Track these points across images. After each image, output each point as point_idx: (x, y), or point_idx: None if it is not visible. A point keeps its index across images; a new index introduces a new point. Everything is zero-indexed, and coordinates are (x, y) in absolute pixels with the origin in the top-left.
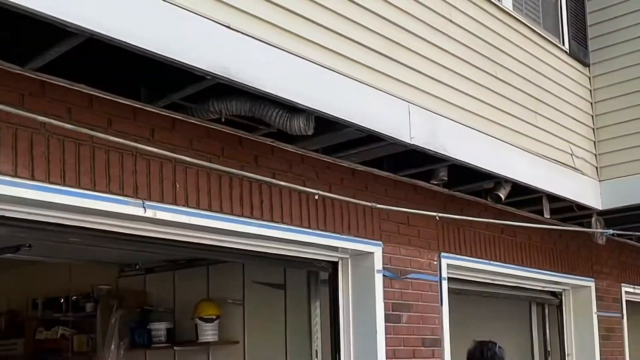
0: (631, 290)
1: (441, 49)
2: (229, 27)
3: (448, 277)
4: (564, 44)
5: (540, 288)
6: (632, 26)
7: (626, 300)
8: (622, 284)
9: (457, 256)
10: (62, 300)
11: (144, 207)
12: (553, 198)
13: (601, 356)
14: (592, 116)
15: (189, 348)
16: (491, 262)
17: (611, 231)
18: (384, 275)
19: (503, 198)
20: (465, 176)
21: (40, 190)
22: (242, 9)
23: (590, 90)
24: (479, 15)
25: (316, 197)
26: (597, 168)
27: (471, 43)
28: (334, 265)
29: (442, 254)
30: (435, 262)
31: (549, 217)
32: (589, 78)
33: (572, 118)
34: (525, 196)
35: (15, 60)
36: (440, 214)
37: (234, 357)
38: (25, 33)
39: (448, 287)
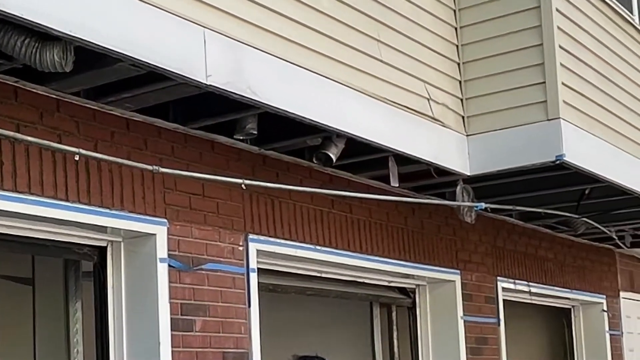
0: (511, 286)
1: None
2: None
3: (258, 269)
4: None
5: (386, 283)
6: None
7: (504, 300)
8: (499, 278)
9: (271, 239)
10: None
11: None
12: (403, 159)
13: None
14: (457, 46)
15: None
16: (318, 247)
17: (483, 205)
18: (169, 266)
19: (334, 159)
20: (282, 129)
21: None
22: None
23: (455, 11)
24: None
25: (76, 158)
26: (463, 118)
27: None
28: (102, 251)
29: (250, 236)
30: (240, 248)
31: (397, 185)
32: None
33: (429, 49)
34: (365, 157)
35: None
36: (248, 181)
37: None
38: None
39: (259, 282)
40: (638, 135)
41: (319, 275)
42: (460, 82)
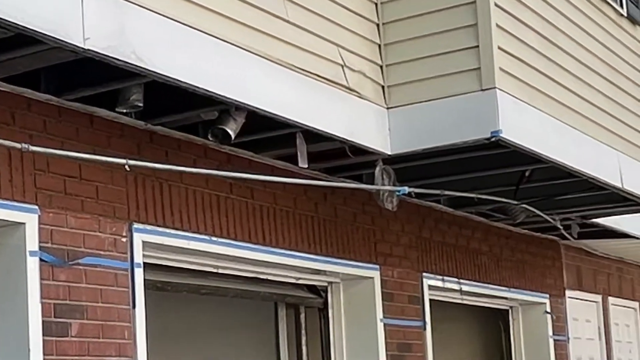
0: (438, 284)
1: None
2: None
3: (145, 263)
4: None
5: (293, 280)
6: None
7: (430, 300)
8: (424, 274)
9: (160, 229)
10: None
11: None
12: (313, 136)
13: None
14: (376, 4)
15: None
16: (213, 238)
17: (407, 189)
18: (41, 260)
19: (233, 136)
20: (172, 101)
21: None
22: None
23: None
24: None
25: None
26: (383, 88)
27: None
28: None
29: (135, 225)
30: (123, 239)
31: (306, 166)
32: None
33: (343, 7)
34: (268, 133)
35: None
36: (132, 162)
37: None
38: None
39: (145, 279)
40: (586, 107)
41: (215, 271)
42: (379, 46)
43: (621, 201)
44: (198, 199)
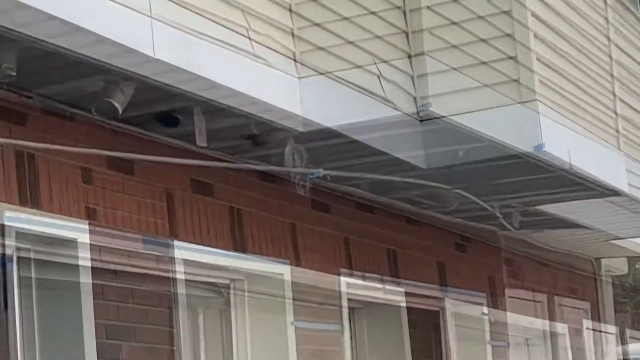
0: (358, 281)
1: None
2: None
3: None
4: None
5: (191, 277)
6: None
7: (350, 300)
8: (342, 270)
9: (35, 217)
10: None
11: None
12: (213, 110)
13: None
14: None
15: None
16: (92, 226)
17: (321, 172)
18: None
19: (121, 110)
20: (51, 69)
21: None
22: None
23: None
24: None
25: None
26: (294, 54)
27: None
28: None
29: (8, 214)
30: None
31: (205, 145)
32: None
33: None
34: (163, 106)
35: None
36: (3, 139)
37: None
38: None
39: (19, 275)
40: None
41: (89, 265)
42: (290, 5)
43: (570, 185)
44: (80, 182)
